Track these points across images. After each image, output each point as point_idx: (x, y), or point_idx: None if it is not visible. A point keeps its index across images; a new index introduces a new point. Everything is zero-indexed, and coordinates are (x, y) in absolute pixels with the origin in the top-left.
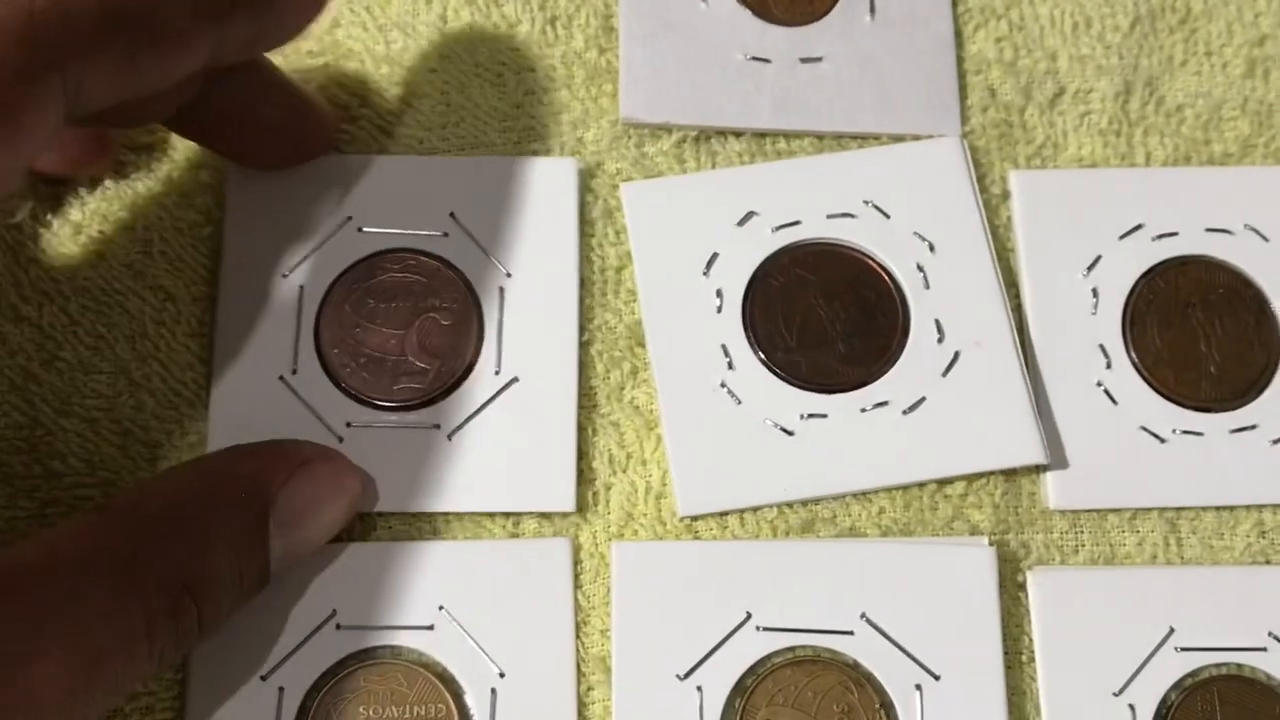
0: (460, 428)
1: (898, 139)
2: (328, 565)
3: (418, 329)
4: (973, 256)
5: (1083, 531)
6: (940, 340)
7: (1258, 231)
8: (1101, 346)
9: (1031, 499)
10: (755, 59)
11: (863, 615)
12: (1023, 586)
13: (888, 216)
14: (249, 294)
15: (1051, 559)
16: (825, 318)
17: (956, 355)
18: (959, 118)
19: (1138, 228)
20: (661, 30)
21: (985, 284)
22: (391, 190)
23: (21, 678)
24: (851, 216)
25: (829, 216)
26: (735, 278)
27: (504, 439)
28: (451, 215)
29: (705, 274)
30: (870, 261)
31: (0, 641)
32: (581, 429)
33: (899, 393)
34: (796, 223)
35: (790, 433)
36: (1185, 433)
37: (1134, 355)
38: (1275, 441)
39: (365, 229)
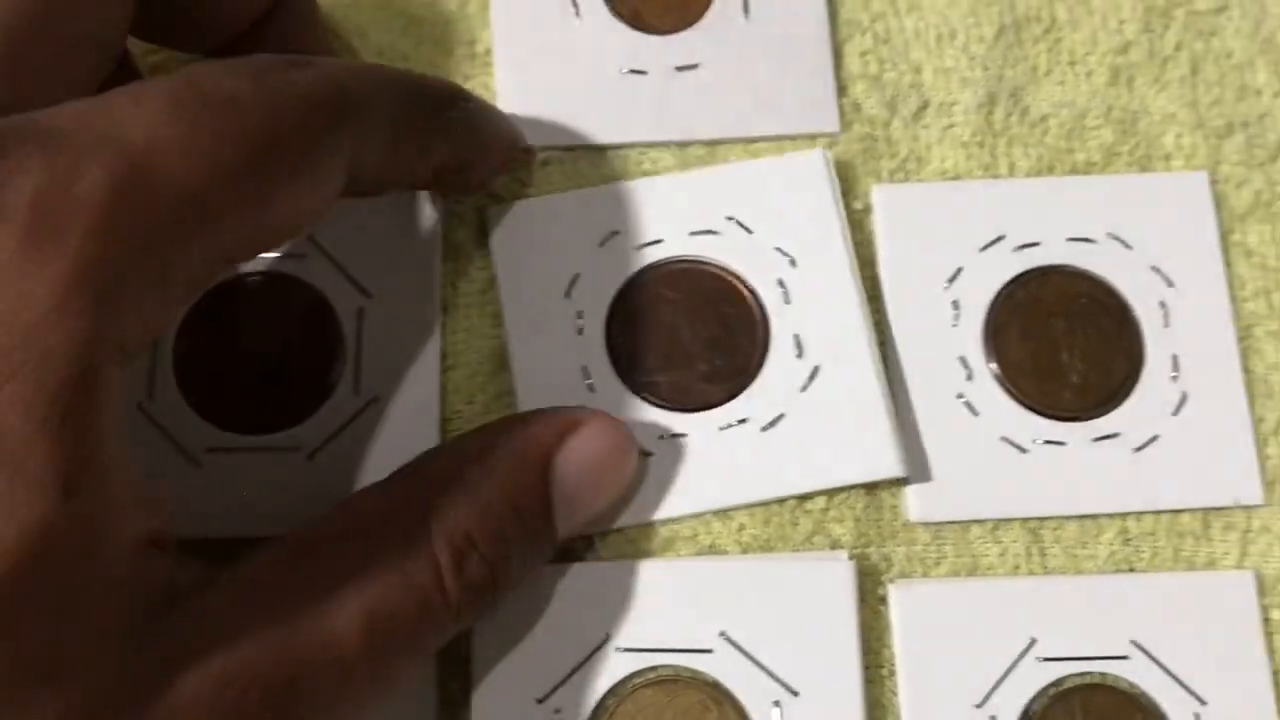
0: (320, 449)
1: (779, 140)
2: None
3: (277, 352)
4: (834, 272)
5: (945, 543)
6: (800, 356)
7: (1120, 239)
8: (962, 358)
9: (894, 512)
10: (632, 71)
11: (722, 633)
12: (884, 600)
13: (750, 232)
14: None
15: (914, 572)
16: (687, 337)
17: (815, 370)
18: (838, 113)
19: (999, 239)
20: (536, 50)
21: (845, 299)
22: None
23: (321, 634)
24: (714, 234)
25: (692, 234)
26: (597, 298)
27: (365, 460)
28: (310, 238)
29: (567, 296)
30: (732, 279)
31: (296, 603)
32: None
33: (758, 410)
34: (659, 241)
35: (649, 454)
36: (1047, 442)
37: (995, 366)
38: (1138, 449)
39: None
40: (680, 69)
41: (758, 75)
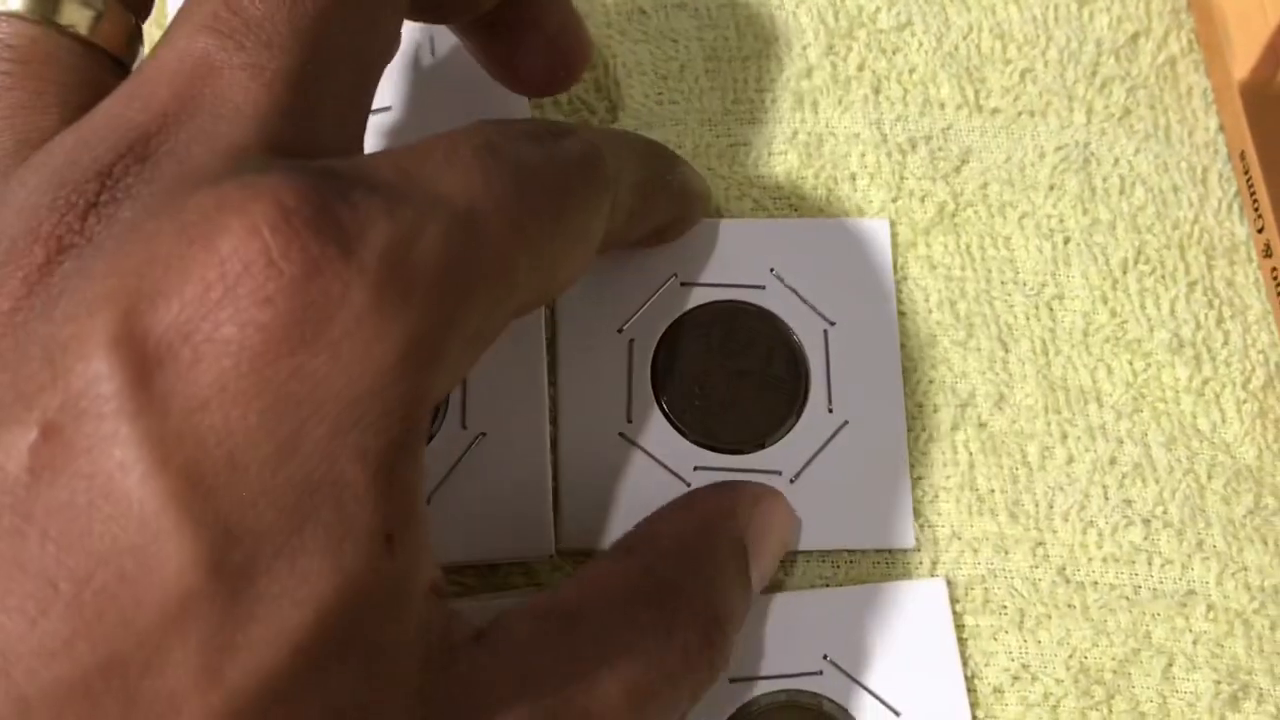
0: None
1: None
2: None
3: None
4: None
5: None
6: (464, 426)
7: (786, 280)
8: (629, 396)
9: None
10: None
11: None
12: None
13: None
14: None
15: None
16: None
17: (479, 437)
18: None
19: (670, 278)
20: None
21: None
22: None
23: (588, 709)
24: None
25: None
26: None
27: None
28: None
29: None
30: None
31: (563, 675)
32: None
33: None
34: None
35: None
36: (710, 470)
37: (663, 404)
38: (793, 480)
39: None
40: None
41: (450, 109)
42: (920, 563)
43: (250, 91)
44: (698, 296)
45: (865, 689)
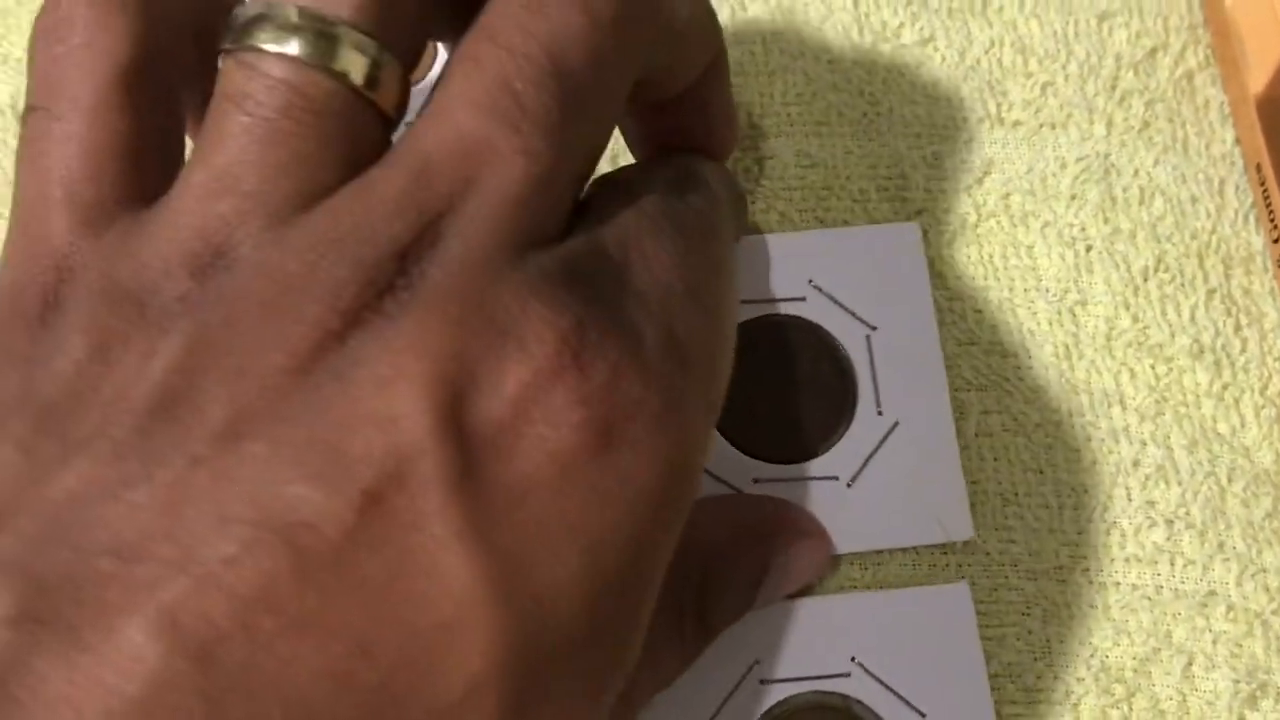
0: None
1: None
2: None
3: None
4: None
5: None
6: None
7: (827, 290)
8: None
9: None
10: None
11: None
12: None
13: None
14: None
15: None
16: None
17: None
18: None
19: None
20: None
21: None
22: None
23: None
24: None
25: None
26: None
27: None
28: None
29: None
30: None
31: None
32: None
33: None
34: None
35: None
36: (768, 481)
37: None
38: (850, 484)
39: None
40: None
41: None
42: (946, 565)
43: (526, 177)
44: (741, 313)
45: (892, 691)
